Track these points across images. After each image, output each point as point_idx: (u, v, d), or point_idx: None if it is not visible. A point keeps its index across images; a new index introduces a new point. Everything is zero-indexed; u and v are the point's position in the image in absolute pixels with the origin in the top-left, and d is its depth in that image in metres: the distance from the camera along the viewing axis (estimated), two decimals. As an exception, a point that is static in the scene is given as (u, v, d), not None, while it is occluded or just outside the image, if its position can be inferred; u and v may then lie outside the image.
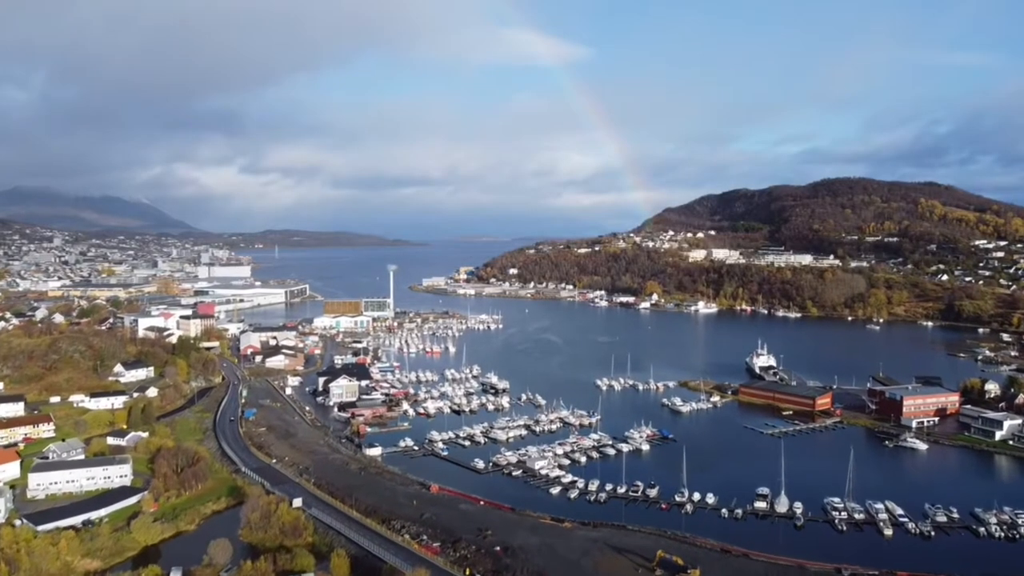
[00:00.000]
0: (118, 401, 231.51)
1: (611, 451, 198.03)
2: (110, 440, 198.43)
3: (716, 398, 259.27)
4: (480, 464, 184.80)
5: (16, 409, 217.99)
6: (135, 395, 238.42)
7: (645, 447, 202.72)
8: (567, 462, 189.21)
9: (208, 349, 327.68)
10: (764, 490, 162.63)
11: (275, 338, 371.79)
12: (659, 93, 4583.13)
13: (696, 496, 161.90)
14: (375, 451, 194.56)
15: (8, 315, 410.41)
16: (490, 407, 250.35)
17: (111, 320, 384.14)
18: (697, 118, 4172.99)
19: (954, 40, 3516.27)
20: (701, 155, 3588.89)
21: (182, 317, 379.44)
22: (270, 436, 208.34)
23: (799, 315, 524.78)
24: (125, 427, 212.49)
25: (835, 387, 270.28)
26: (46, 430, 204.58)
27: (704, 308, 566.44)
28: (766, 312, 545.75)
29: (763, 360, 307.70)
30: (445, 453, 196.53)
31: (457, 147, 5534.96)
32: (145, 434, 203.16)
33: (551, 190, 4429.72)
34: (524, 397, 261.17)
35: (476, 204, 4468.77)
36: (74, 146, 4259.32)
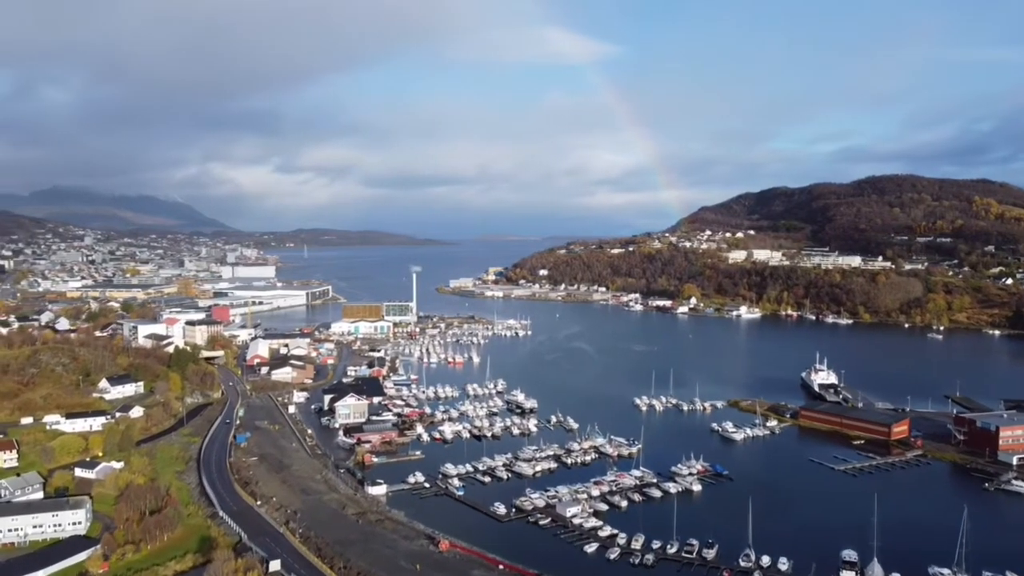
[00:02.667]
0: (97, 422, 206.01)
1: (656, 492, 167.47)
2: (78, 472, 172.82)
3: (773, 423, 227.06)
4: (501, 509, 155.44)
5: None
6: (118, 415, 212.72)
7: (696, 487, 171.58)
8: (604, 507, 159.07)
9: (210, 360, 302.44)
10: (851, 555, 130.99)
11: (286, 346, 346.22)
12: (691, 91, 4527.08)
13: (765, 560, 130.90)
14: (379, 490, 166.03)
15: (11, 319, 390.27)
16: (515, 431, 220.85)
17: (113, 326, 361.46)
18: (730, 116, 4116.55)
19: (997, 36, 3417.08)
20: (734, 153, 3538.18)
21: (188, 323, 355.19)
22: (260, 468, 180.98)
23: (850, 321, 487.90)
24: (100, 454, 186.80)
25: (908, 409, 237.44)
26: (7, 459, 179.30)
27: (747, 313, 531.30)
28: (814, 318, 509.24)
29: (823, 377, 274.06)
30: (461, 493, 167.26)
31: (489, 146, 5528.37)
32: (119, 464, 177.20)
33: (583, 189, 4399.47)
34: (554, 419, 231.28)
35: (507, 203, 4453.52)
36: (112, 146, 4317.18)
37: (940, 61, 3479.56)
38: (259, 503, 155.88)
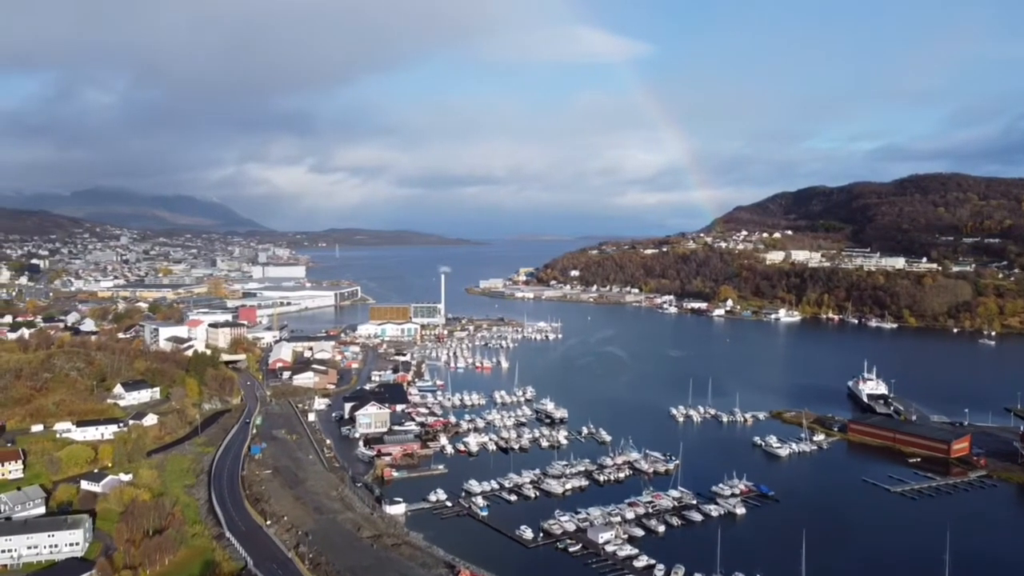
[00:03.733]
0: (109, 431, 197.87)
1: (696, 516, 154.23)
2: (84, 485, 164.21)
3: (820, 437, 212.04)
4: (528, 533, 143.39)
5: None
6: (130, 423, 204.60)
7: (740, 510, 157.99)
8: (640, 532, 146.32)
9: (231, 363, 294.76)
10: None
11: (311, 349, 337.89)
12: (725, 89, 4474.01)
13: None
14: (397, 509, 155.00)
15: (37, 319, 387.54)
16: (544, 443, 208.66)
17: (136, 328, 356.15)
18: (765, 115, 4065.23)
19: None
20: (770, 153, 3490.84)
21: (211, 325, 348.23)
22: (274, 483, 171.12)
23: (895, 325, 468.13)
24: (110, 465, 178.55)
25: (967, 423, 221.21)
26: (13, 470, 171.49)
27: (786, 316, 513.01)
28: (856, 321, 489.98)
29: (871, 386, 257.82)
30: (485, 513, 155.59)
31: (522, 145, 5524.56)
32: (127, 477, 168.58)
33: (615, 188, 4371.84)
34: (585, 431, 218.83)
35: (538, 203, 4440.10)
36: (152, 147, 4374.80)
37: (983, 57, 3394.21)
38: (269, 523, 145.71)
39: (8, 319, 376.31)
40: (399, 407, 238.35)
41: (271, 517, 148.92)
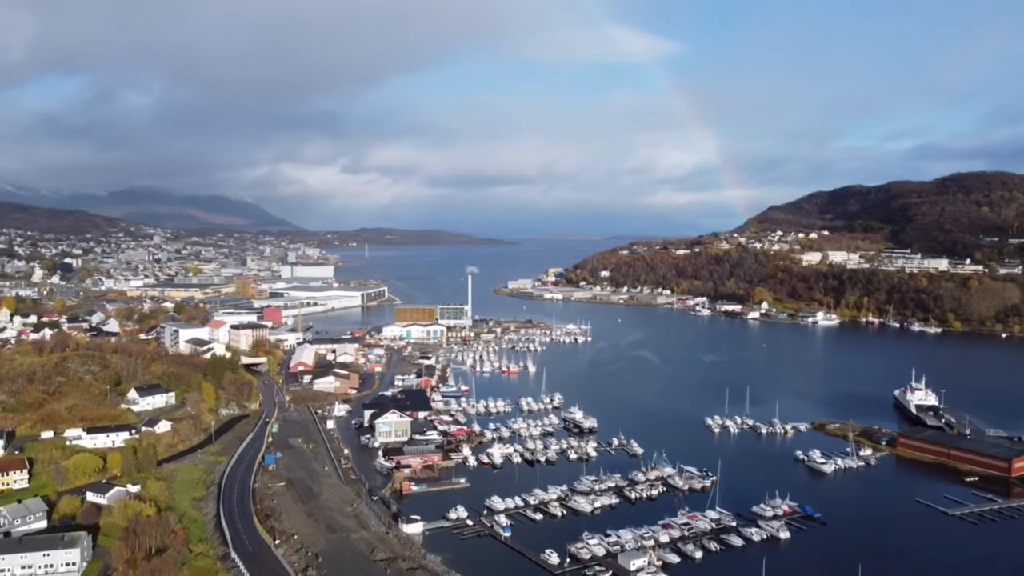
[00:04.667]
0: (120, 438, 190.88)
1: (736, 540, 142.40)
2: (90, 496, 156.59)
3: (867, 451, 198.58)
4: (553, 557, 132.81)
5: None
6: (142, 430, 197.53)
7: (783, 534, 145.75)
8: (675, 558, 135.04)
9: (252, 367, 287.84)
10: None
11: (334, 351, 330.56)
12: (758, 88, 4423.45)
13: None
14: (415, 528, 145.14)
15: (62, 319, 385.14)
16: (572, 455, 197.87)
17: (157, 329, 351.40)
18: (799, 113, 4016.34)
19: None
20: (804, 152, 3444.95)
21: (233, 327, 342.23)
22: (287, 496, 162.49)
23: (939, 330, 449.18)
24: (118, 474, 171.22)
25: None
26: (18, 479, 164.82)
27: (823, 319, 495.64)
28: (898, 325, 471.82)
29: (920, 396, 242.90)
30: (508, 534, 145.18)
31: (552, 145, 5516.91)
32: (135, 488, 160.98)
33: (647, 188, 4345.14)
34: (615, 442, 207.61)
35: (568, 202, 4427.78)
36: (187, 147, 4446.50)
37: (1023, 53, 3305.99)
38: (277, 542, 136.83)
39: (33, 319, 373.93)
40: (421, 414, 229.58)
41: (280, 535, 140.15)
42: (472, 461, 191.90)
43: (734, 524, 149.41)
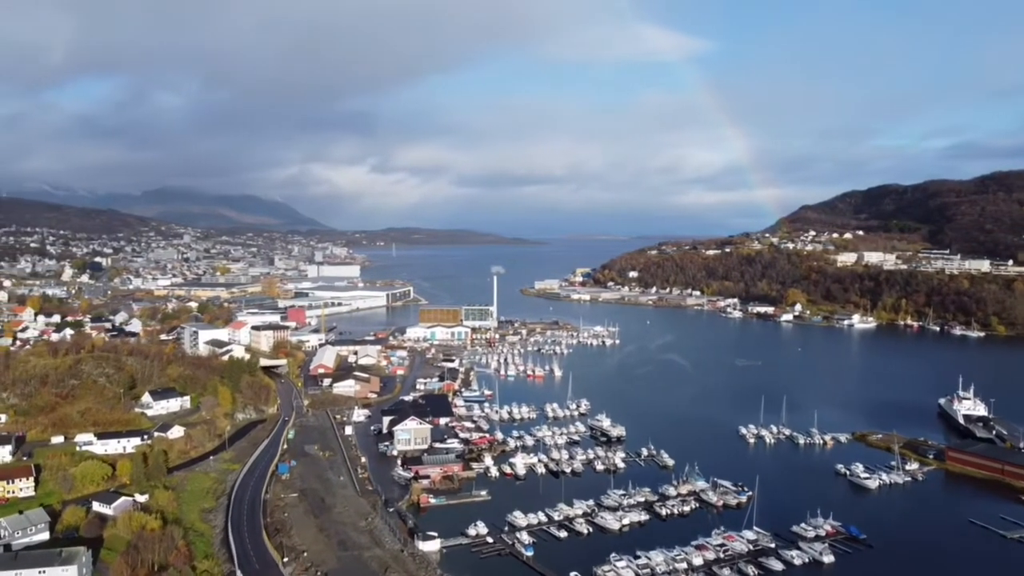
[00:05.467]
0: (131, 444, 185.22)
1: (776, 564, 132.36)
2: (96, 506, 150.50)
3: (913, 465, 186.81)
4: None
5: (1, 455, 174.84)
6: (155, 435, 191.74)
7: (827, 557, 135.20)
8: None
9: (271, 369, 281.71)
10: None
11: (355, 353, 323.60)
12: (790, 86, 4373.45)
13: None
14: (431, 546, 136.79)
15: (86, 319, 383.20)
16: (599, 466, 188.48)
17: (178, 329, 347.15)
18: (831, 112, 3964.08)
19: None
20: (836, 151, 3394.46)
21: (254, 327, 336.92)
22: (298, 509, 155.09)
23: (982, 334, 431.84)
24: (127, 482, 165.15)
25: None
26: (24, 487, 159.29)
27: (860, 322, 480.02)
28: (938, 329, 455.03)
29: (968, 406, 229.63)
30: (530, 553, 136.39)
31: (581, 145, 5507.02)
32: (143, 498, 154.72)
33: (675, 187, 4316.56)
34: (645, 452, 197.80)
35: (596, 202, 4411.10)
36: (219, 147, 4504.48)
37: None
38: (286, 560, 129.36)
39: (56, 318, 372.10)
40: (442, 421, 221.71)
41: (289, 552, 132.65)
42: (494, 472, 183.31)
43: (773, 546, 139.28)
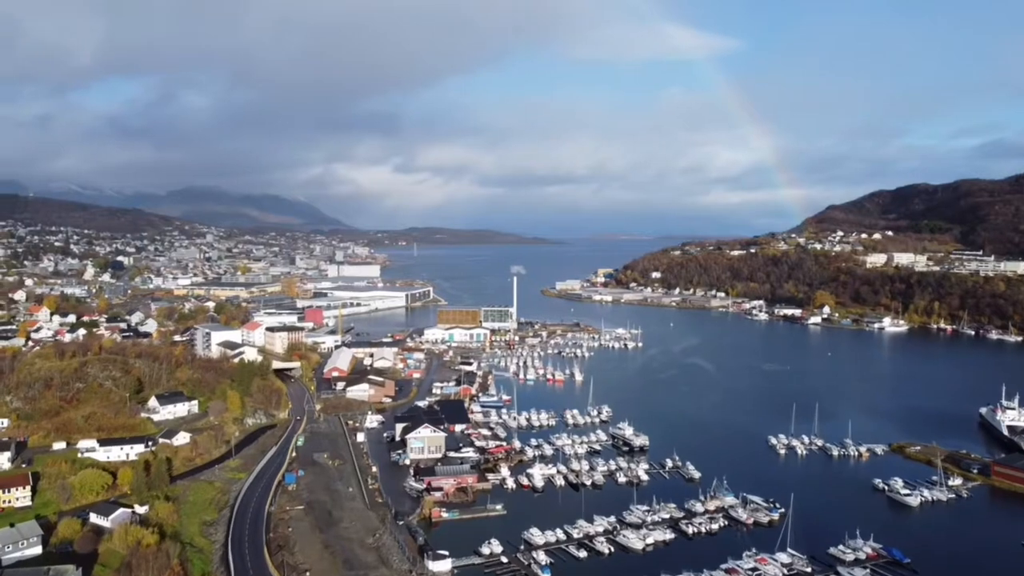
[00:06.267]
0: (134, 450, 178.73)
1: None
2: (93, 518, 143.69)
3: (957, 480, 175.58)
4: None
5: (0, 461, 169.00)
6: (160, 442, 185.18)
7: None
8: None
9: (284, 372, 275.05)
10: None
11: (371, 355, 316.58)
12: (816, 85, 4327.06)
13: None
14: (442, 566, 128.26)
15: (101, 319, 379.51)
16: (621, 478, 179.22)
17: (191, 330, 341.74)
18: (859, 111, 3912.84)
19: None
20: (863, 150, 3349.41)
21: (268, 329, 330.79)
22: (304, 523, 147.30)
23: (1020, 338, 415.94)
24: (128, 492, 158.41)
25: None
26: (20, 497, 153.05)
27: (891, 326, 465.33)
28: (973, 333, 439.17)
29: (1012, 416, 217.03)
30: (547, 575, 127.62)
31: (604, 144, 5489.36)
32: (143, 509, 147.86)
33: (699, 187, 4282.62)
34: (669, 464, 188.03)
35: (618, 202, 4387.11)
36: (243, 147, 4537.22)
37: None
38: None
39: (72, 318, 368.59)
40: (458, 427, 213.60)
41: (291, 572, 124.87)
42: (510, 483, 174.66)
43: (809, 570, 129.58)
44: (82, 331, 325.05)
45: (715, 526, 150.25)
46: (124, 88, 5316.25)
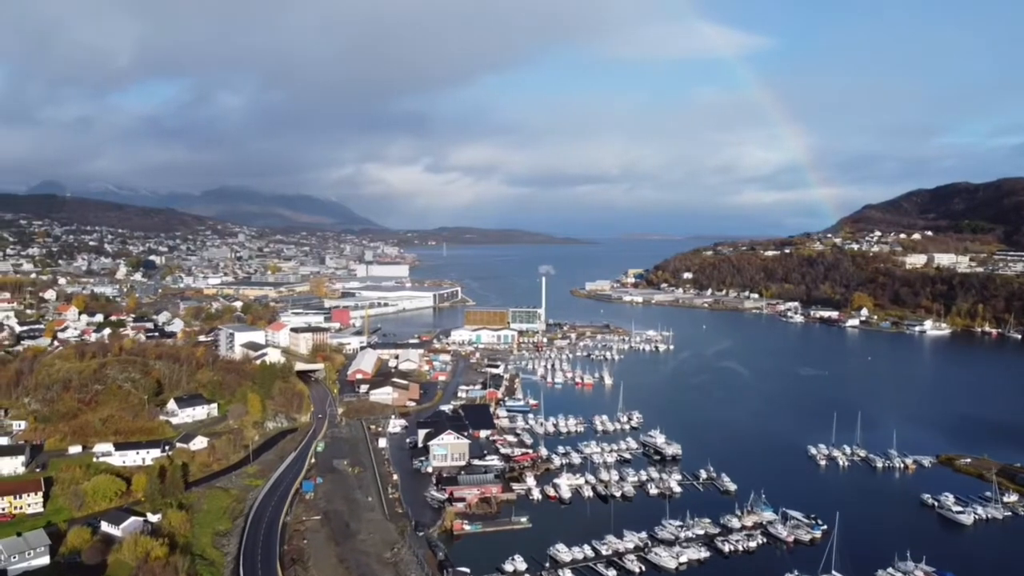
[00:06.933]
0: (150, 455, 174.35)
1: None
2: (104, 526, 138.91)
3: (1012, 497, 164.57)
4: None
5: (14, 465, 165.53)
6: (177, 446, 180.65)
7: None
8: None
9: (307, 374, 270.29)
10: None
11: (396, 357, 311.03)
12: (851, 83, 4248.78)
13: None
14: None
15: (128, 318, 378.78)
16: (652, 490, 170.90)
17: (215, 331, 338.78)
18: (895, 109, 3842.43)
19: None
20: (900, 149, 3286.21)
21: (292, 330, 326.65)
22: (320, 535, 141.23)
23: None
24: (142, 499, 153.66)
25: None
26: (32, 503, 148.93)
27: (932, 329, 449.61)
28: (1020, 337, 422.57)
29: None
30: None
31: (635, 144, 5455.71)
32: (155, 517, 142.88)
33: (731, 187, 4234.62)
34: (704, 475, 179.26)
35: (648, 201, 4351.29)
36: (277, 147, 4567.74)
37: None
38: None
39: (99, 318, 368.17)
40: (483, 433, 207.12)
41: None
42: (536, 494, 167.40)
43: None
44: (107, 331, 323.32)
45: (753, 544, 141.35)
46: (161, 89, 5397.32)
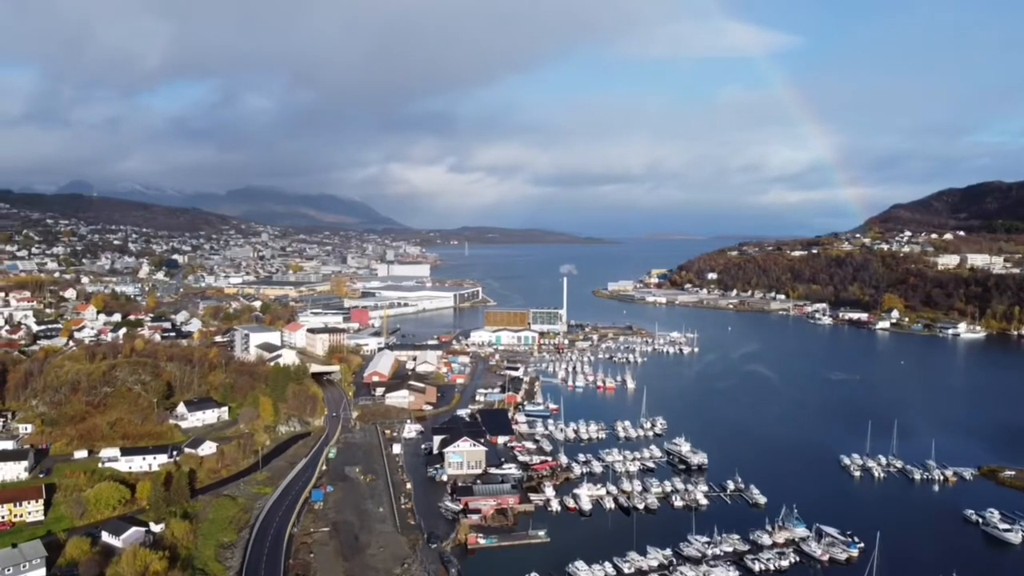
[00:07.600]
0: (157, 460, 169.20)
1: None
2: (105, 536, 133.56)
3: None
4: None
5: (17, 471, 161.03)
6: (185, 451, 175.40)
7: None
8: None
9: (323, 376, 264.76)
10: None
11: (414, 359, 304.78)
12: (880, 81, 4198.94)
13: None
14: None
15: (146, 318, 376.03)
16: (677, 502, 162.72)
17: (231, 331, 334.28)
18: (925, 107, 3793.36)
19: None
20: (930, 148, 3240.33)
21: (309, 330, 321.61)
22: (327, 548, 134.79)
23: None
24: (147, 506, 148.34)
25: None
26: (32, 511, 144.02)
27: (966, 332, 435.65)
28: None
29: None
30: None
31: (660, 143, 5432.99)
32: (158, 527, 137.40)
33: (756, 186, 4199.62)
34: (731, 486, 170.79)
35: (672, 201, 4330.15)
36: (302, 148, 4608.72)
37: None
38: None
39: (117, 317, 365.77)
40: (501, 439, 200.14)
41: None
42: (555, 505, 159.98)
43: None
44: (123, 331, 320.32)
45: (785, 563, 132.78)
46: (189, 91, 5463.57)
